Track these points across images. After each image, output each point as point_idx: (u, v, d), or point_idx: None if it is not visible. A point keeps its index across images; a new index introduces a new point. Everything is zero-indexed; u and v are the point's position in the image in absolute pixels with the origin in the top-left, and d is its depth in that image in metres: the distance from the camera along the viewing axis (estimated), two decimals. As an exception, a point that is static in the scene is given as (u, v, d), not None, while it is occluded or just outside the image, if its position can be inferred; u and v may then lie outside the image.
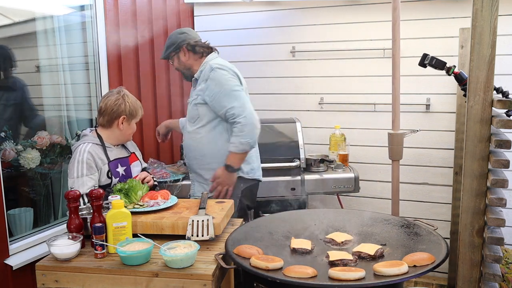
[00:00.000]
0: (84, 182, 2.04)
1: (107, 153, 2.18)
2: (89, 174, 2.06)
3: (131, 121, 2.24)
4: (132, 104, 2.22)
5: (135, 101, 2.27)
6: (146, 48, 3.31)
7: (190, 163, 2.66)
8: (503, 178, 1.60)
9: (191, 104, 2.60)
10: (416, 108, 3.35)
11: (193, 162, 2.63)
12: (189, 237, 1.82)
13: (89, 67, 3.14)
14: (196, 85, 2.61)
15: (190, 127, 2.60)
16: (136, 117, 2.26)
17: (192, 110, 2.59)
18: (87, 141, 2.16)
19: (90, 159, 2.09)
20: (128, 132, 2.27)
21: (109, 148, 2.21)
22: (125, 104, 2.19)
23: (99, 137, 2.20)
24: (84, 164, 2.06)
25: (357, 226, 1.97)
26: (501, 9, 1.65)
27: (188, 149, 2.64)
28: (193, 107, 2.57)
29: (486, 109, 1.63)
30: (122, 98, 2.20)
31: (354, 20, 3.44)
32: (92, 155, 2.10)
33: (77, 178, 2.05)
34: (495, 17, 1.57)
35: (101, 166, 2.12)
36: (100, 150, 2.16)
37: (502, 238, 1.61)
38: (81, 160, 2.07)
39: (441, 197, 3.38)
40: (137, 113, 2.26)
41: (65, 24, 2.96)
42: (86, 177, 2.05)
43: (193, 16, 3.84)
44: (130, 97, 2.25)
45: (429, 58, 2.34)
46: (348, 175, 3.12)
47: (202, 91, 2.51)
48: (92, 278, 1.67)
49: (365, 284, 1.45)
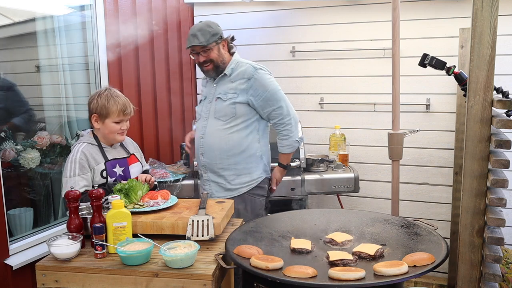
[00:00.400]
0: (76, 182, 2.04)
1: (105, 153, 2.17)
2: (81, 174, 2.07)
3: (104, 120, 2.14)
4: (101, 102, 2.12)
5: (109, 99, 2.13)
6: (146, 48, 3.31)
7: (211, 162, 2.57)
8: (503, 178, 1.60)
9: (224, 101, 2.51)
10: (416, 108, 3.35)
11: (216, 161, 2.55)
12: (189, 237, 1.82)
13: (89, 67, 3.14)
14: (223, 82, 2.55)
15: (219, 125, 2.53)
16: (110, 116, 2.13)
17: (226, 108, 2.50)
18: (82, 141, 2.17)
19: (83, 159, 2.09)
20: (105, 132, 2.17)
21: (106, 148, 2.20)
22: (94, 102, 2.14)
23: (95, 138, 2.19)
24: (76, 164, 2.07)
25: (357, 226, 1.97)
26: (501, 9, 1.65)
27: (210, 147, 2.55)
28: (230, 105, 2.50)
29: (486, 109, 1.63)
30: (96, 97, 2.15)
31: (354, 20, 3.44)
32: (85, 154, 2.10)
33: (69, 178, 2.06)
34: (495, 17, 1.57)
35: (94, 166, 2.11)
36: (96, 150, 2.16)
37: (502, 238, 1.61)
38: (74, 160, 2.08)
39: (441, 197, 3.38)
40: (108, 113, 2.12)
41: (65, 24, 2.96)
42: (78, 177, 2.06)
43: (193, 16, 3.84)
44: (104, 96, 2.14)
45: (429, 58, 2.34)
46: (348, 175, 3.12)
47: (244, 91, 2.48)
48: (92, 278, 1.67)
49: (365, 284, 1.45)
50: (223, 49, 2.53)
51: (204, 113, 2.61)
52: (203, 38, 2.44)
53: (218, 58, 2.51)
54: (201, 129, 2.60)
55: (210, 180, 2.61)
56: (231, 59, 2.56)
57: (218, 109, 2.53)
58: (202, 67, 2.54)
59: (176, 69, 3.65)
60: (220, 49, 2.51)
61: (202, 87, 2.76)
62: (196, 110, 2.72)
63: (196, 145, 2.66)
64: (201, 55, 2.49)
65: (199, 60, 2.52)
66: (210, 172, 2.60)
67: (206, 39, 2.45)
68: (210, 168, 2.59)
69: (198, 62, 2.54)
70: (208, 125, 2.56)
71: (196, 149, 2.65)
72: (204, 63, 2.51)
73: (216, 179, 2.59)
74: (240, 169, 2.54)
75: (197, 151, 2.64)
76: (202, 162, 2.61)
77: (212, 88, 2.60)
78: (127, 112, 2.18)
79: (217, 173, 2.57)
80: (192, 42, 2.46)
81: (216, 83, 2.58)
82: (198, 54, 2.50)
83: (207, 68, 2.53)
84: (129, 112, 2.19)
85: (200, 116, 2.64)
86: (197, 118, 2.70)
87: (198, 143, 2.62)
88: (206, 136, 2.56)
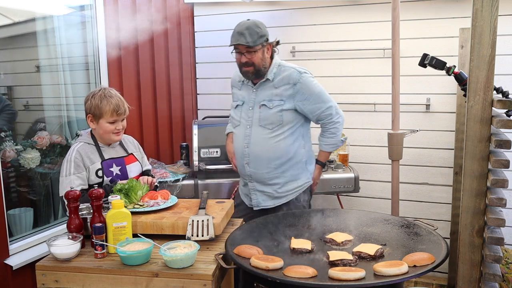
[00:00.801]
0: (71, 181, 2.05)
1: (101, 152, 2.18)
2: (76, 173, 2.07)
3: (98, 121, 2.13)
4: (95, 103, 2.12)
5: (102, 100, 2.12)
6: (146, 48, 3.31)
7: (257, 172, 2.47)
8: (503, 178, 1.60)
9: (270, 108, 2.41)
10: (416, 108, 3.35)
11: (263, 171, 2.46)
12: (189, 237, 1.82)
13: (89, 67, 3.14)
14: (265, 87, 2.45)
15: (265, 133, 2.43)
16: (103, 117, 2.12)
17: (273, 116, 2.41)
18: (79, 141, 2.19)
19: (78, 158, 2.09)
20: (100, 132, 2.16)
21: (103, 147, 2.20)
22: (89, 103, 2.14)
23: (93, 137, 2.20)
24: (72, 163, 2.08)
25: (357, 226, 1.97)
26: (501, 9, 1.65)
27: (256, 157, 2.45)
28: (277, 112, 2.41)
29: (486, 109, 1.63)
30: (91, 97, 2.15)
31: (354, 20, 3.44)
32: (80, 154, 2.11)
33: (65, 177, 2.07)
34: (495, 17, 1.57)
35: (89, 165, 2.12)
36: (92, 150, 2.16)
37: (502, 238, 1.61)
38: (70, 159, 2.09)
39: (441, 197, 3.38)
40: (101, 113, 2.11)
41: (65, 24, 2.96)
42: (74, 176, 2.06)
43: (193, 16, 3.84)
44: (97, 96, 2.14)
45: (429, 58, 2.34)
46: (348, 175, 3.12)
47: (291, 97, 2.40)
48: (92, 278, 1.67)
49: (365, 284, 1.45)
50: (267, 53, 2.42)
51: (245, 120, 2.48)
52: (250, 38, 2.31)
53: (261, 62, 2.39)
54: (245, 137, 2.48)
55: (256, 189, 2.52)
56: (272, 63, 2.45)
57: (264, 117, 2.43)
58: (242, 68, 2.42)
59: (176, 69, 3.65)
60: (264, 53, 2.39)
61: (234, 90, 2.62)
62: (232, 115, 2.60)
63: (238, 154, 2.54)
64: (245, 55, 2.36)
65: (241, 61, 2.39)
66: (256, 182, 2.51)
67: (253, 40, 2.32)
68: (256, 178, 2.50)
69: (240, 62, 2.41)
70: (252, 133, 2.45)
71: (240, 158, 2.53)
72: (246, 65, 2.38)
73: (262, 189, 2.50)
74: (287, 177, 2.48)
75: (240, 160, 2.53)
76: (248, 172, 2.50)
77: (252, 94, 2.48)
78: (120, 112, 2.15)
79: (263, 182, 2.49)
80: (239, 40, 2.32)
81: (257, 88, 2.47)
82: (241, 53, 2.37)
83: (247, 70, 2.40)
84: (122, 112, 2.16)
85: (239, 123, 2.52)
86: (233, 124, 2.59)
87: (241, 152, 2.50)
88: (251, 145, 2.46)
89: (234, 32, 2.37)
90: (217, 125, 3.31)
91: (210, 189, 3.00)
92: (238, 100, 2.55)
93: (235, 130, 2.57)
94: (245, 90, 2.53)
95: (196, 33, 3.87)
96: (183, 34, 3.71)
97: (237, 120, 2.53)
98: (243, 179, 2.59)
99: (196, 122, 3.26)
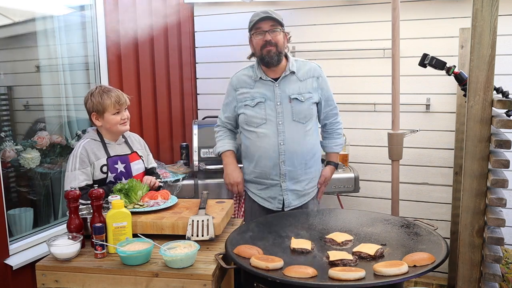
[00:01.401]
0: (76, 176, 2.08)
1: (107, 149, 2.20)
2: (81, 168, 2.10)
3: (103, 116, 2.17)
4: (96, 100, 2.16)
5: (102, 95, 2.16)
6: (146, 48, 3.31)
7: (293, 170, 2.40)
8: (503, 178, 1.60)
9: (302, 102, 2.38)
10: (416, 108, 3.35)
11: (297, 168, 2.41)
12: (189, 237, 1.82)
13: (89, 67, 3.14)
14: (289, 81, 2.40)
15: (299, 128, 2.39)
16: (107, 110, 2.16)
17: (306, 109, 2.39)
18: (86, 137, 2.22)
19: (84, 153, 2.12)
20: (107, 126, 2.19)
21: (109, 144, 2.23)
22: (89, 102, 2.18)
23: (99, 134, 2.22)
24: (77, 159, 2.11)
25: (357, 226, 1.97)
26: (501, 9, 1.65)
27: (292, 153, 2.38)
28: (309, 106, 2.40)
29: (486, 109, 1.63)
30: (90, 96, 2.19)
31: (354, 20, 3.44)
32: (86, 149, 2.14)
33: (70, 172, 2.10)
34: (495, 17, 1.57)
35: (94, 161, 2.14)
36: (98, 146, 2.19)
37: (502, 238, 1.61)
38: (75, 155, 2.12)
39: (441, 197, 3.38)
40: (104, 107, 2.15)
41: (65, 24, 2.96)
42: (78, 171, 2.09)
43: (193, 16, 3.84)
44: (96, 94, 2.17)
45: (429, 58, 2.34)
46: (348, 175, 3.12)
47: (316, 90, 2.43)
48: (92, 278, 1.67)
49: (365, 284, 1.45)
50: (285, 39, 2.41)
51: (273, 117, 2.38)
52: (276, 16, 2.34)
53: (282, 45, 2.37)
54: (279, 134, 2.37)
55: (288, 189, 2.43)
56: (290, 56, 2.45)
57: (297, 110, 2.37)
58: (265, 47, 2.33)
59: (176, 69, 3.65)
60: (284, 38, 2.39)
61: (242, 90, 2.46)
62: (251, 114, 2.42)
63: (270, 153, 2.39)
64: (269, 33, 2.32)
65: (265, 39, 2.32)
66: (289, 181, 2.42)
67: (280, 18, 2.35)
68: (291, 176, 2.41)
69: (263, 42, 2.33)
70: (286, 129, 2.37)
71: (272, 158, 2.39)
72: (269, 43, 2.32)
73: (293, 187, 2.43)
74: (312, 173, 2.47)
75: (273, 160, 2.39)
76: (283, 171, 2.39)
77: (276, 88, 2.39)
78: (122, 102, 2.19)
79: (295, 179, 2.42)
80: (266, 14, 2.31)
81: (279, 82, 2.39)
82: (264, 33, 2.33)
83: (270, 49, 2.32)
84: (124, 101, 2.21)
85: (264, 121, 2.39)
86: (254, 124, 2.42)
87: (276, 151, 2.37)
88: (287, 141, 2.37)
89: (255, 14, 2.37)
90: (217, 125, 3.31)
91: (210, 189, 3.00)
92: (257, 98, 2.41)
93: (259, 130, 2.40)
94: (263, 86, 2.41)
95: (196, 33, 3.87)
96: (183, 34, 3.71)
97: (262, 118, 2.40)
98: (271, 180, 2.43)
99: (196, 122, 3.26)
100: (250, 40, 2.44)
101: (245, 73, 2.49)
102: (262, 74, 2.42)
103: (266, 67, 2.40)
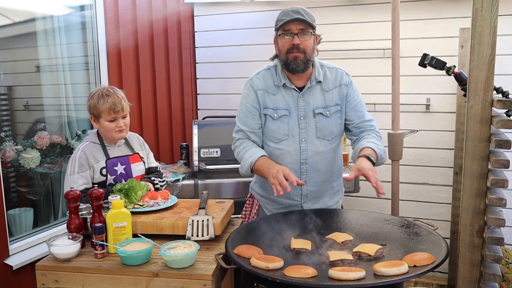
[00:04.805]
0: (75, 180, 2.08)
1: (107, 151, 2.19)
2: (80, 172, 2.09)
3: (99, 120, 2.15)
4: (93, 103, 2.14)
5: (99, 99, 2.12)
6: (146, 48, 3.32)
7: (314, 190, 2.16)
8: (503, 178, 1.60)
9: (328, 117, 2.10)
10: (416, 108, 3.35)
11: (319, 187, 2.17)
12: (189, 237, 1.82)
13: (89, 67, 3.14)
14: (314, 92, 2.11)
15: (324, 145, 2.11)
16: (102, 116, 2.12)
17: (333, 125, 2.11)
18: (85, 140, 2.21)
19: (83, 157, 2.12)
20: (102, 131, 2.17)
21: (109, 146, 2.21)
22: (89, 104, 2.17)
23: (98, 136, 2.21)
24: (76, 162, 2.10)
25: (357, 226, 1.97)
26: (501, 9, 1.65)
27: (316, 173, 2.13)
28: (337, 120, 2.12)
29: (486, 109, 1.63)
30: (90, 98, 2.17)
31: (354, 20, 3.44)
32: (85, 153, 2.13)
33: (69, 176, 2.10)
34: (495, 17, 1.57)
35: (93, 164, 2.13)
36: (97, 149, 2.18)
37: (502, 238, 1.61)
38: (74, 158, 2.12)
39: (441, 197, 3.38)
40: (99, 112, 2.11)
41: (65, 24, 2.96)
42: (77, 175, 2.09)
43: (193, 16, 3.84)
44: (95, 96, 2.15)
45: (429, 58, 2.35)
46: (348, 175, 3.11)
47: (343, 100, 2.13)
48: (92, 278, 1.67)
49: (365, 284, 1.45)
50: (314, 44, 2.07)
51: (296, 132, 2.09)
52: (307, 16, 1.99)
53: (311, 52, 2.03)
54: (301, 153, 2.10)
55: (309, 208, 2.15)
56: (315, 63, 2.12)
57: (322, 126, 2.09)
58: (292, 52, 2.00)
59: (176, 69, 3.65)
60: (314, 42, 2.06)
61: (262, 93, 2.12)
62: (272, 128, 2.11)
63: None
64: (298, 36, 1.98)
65: (293, 42, 1.99)
66: (310, 201, 2.17)
67: (311, 19, 2.01)
68: (312, 196, 2.17)
69: (290, 46, 2.01)
70: (309, 147, 2.09)
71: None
72: (297, 48, 1.99)
73: (314, 206, 2.17)
74: (334, 188, 2.24)
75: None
76: (305, 191, 2.15)
77: (300, 100, 2.09)
78: (117, 110, 2.12)
79: (317, 198, 2.19)
80: (297, 15, 1.96)
81: (303, 94, 2.09)
82: (293, 35, 1.99)
83: (298, 55, 1.99)
84: (119, 110, 2.13)
85: (286, 137, 2.10)
86: (275, 139, 2.12)
87: (297, 170, 2.10)
88: (310, 160, 2.10)
89: (284, 12, 2.02)
90: (217, 125, 3.32)
91: (210, 189, 3.00)
92: (281, 109, 2.10)
93: (280, 146, 2.11)
94: (287, 95, 2.10)
95: (196, 33, 3.87)
96: (183, 34, 3.71)
97: (284, 134, 2.10)
98: (291, 200, 2.17)
99: (196, 122, 3.26)
100: (275, 41, 2.11)
101: (266, 75, 2.15)
102: (286, 80, 2.09)
103: (291, 73, 2.08)
